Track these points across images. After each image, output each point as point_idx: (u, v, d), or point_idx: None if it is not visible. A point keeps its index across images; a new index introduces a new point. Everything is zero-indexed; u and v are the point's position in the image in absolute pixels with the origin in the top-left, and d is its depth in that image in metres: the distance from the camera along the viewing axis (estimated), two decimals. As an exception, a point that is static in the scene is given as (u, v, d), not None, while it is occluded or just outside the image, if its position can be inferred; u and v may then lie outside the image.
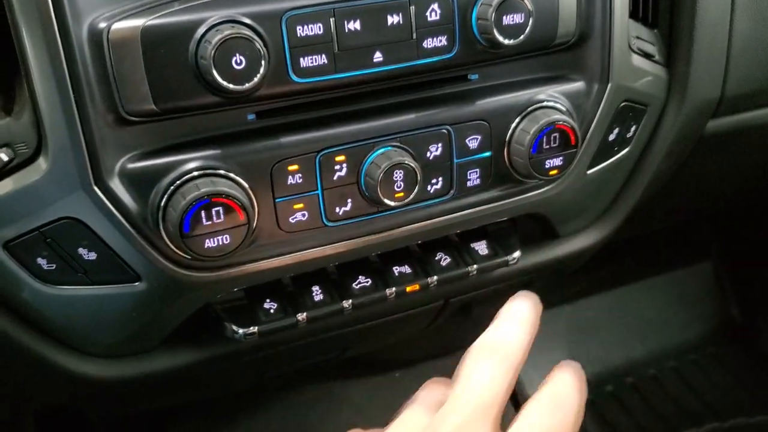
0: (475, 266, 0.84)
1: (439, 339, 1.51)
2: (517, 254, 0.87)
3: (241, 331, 0.76)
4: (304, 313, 0.78)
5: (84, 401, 0.95)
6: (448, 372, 1.67)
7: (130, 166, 0.64)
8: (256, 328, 0.76)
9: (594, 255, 1.04)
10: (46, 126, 0.62)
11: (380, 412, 1.55)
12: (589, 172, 0.86)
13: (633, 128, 0.88)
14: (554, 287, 1.46)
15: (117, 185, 0.64)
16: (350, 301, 0.80)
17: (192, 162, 0.65)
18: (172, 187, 0.64)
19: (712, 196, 1.28)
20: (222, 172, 0.66)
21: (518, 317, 0.61)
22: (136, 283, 0.69)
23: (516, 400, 1.69)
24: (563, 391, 0.57)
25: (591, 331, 1.88)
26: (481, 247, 0.87)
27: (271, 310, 0.78)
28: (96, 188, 0.64)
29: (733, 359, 1.87)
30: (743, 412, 1.73)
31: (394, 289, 0.81)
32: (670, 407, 1.74)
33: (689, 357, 1.87)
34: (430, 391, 0.62)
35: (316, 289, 0.80)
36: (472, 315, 1.12)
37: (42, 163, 0.63)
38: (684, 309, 1.95)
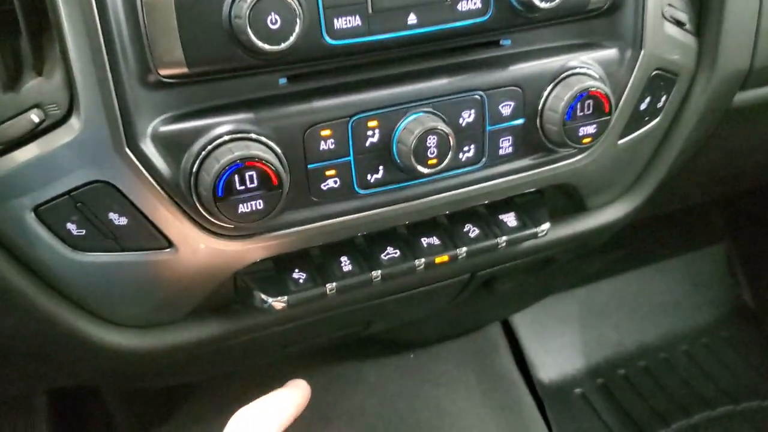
0: (504, 238, 0.83)
1: (453, 320, 1.50)
2: (546, 226, 0.86)
3: (270, 300, 0.75)
4: (334, 283, 0.77)
5: (108, 375, 0.94)
6: (462, 352, 1.66)
7: (163, 129, 0.63)
8: (286, 297, 0.75)
9: (609, 238, 1.03)
10: (79, 86, 0.60)
11: (395, 393, 1.55)
12: (620, 142, 0.85)
13: (663, 98, 0.87)
14: (573, 268, 1.45)
15: (149, 148, 0.63)
16: (379, 271, 0.79)
17: (224, 126, 0.64)
18: (204, 151, 0.63)
19: (736, 172, 1.27)
20: (254, 136, 0.65)
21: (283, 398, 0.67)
22: (167, 250, 0.68)
23: (530, 380, 1.69)
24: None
25: (603, 315, 1.88)
26: (510, 219, 0.86)
27: (300, 280, 0.77)
28: (128, 151, 0.62)
29: (745, 343, 1.87)
30: (756, 395, 1.73)
31: (423, 260, 0.80)
32: (683, 390, 1.74)
33: (702, 340, 1.87)
34: None
35: (344, 259, 0.79)
36: (494, 290, 1.11)
37: (74, 125, 0.61)
38: (696, 293, 1.95)
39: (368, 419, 1.45)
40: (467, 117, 0.73)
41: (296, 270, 0.77)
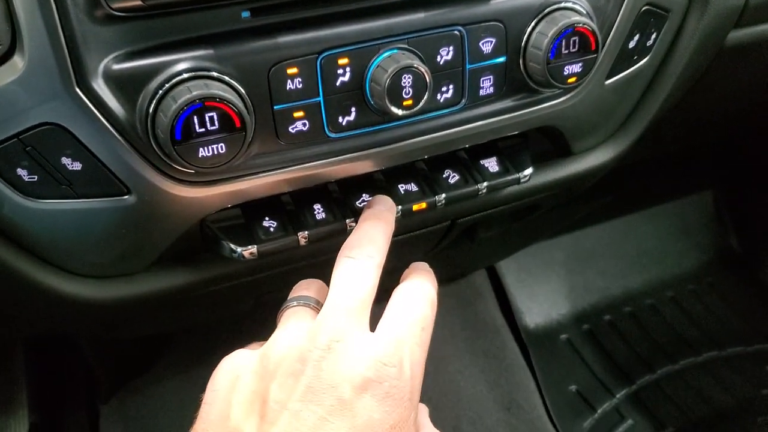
0: (484, 184, 0.80)
1: (436, 268, 1.48)
2: (528, 171, 0.82)
3: (239, 250, 0.72)
4: (306, 232, 0.73)
5: (76, 326, 0.91)
6: (447, 299, 1.63)
7: (116, 66, 0.59)
8: (256, 247, 0.72)
9: (594, 184, 1.00)
10: (21, 19, 0.56)
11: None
12: (607, 82, 0.81)
13: (653, 36, 0.83)
14: (558, 215, 1.42)
15: (102, 87, 0.59)
16: (353, 219, 0.75)
17: (182, 63, 0.60)
18: (161, 90, 0.59)
19: (725, 114, 1.23)
20: (215, 74, 0.60)
21: (377, 216, 0.69)
22: (125, 197, 0.64)
23: (515, 327, 1.68)
24: (418, 284, 0.66)
25: (589, 261, 1.87)
26: (491, 164, 0.82)
27: (271, 229, 0.73)
28: (78, 90, 0.58)
29: (731, 289, 1.87)
30: (741, 341, 1.73)
31: (399, 207, 0.77)
32: (669, 336, 1.75)
33: (687, 287, 1.86)
34: (307, 290, 0.68)
35: (317, 207, 0.75)
36: (476, 238, 1.08)
37: (18, 62, 0.57)
38: (683, 239, 1.94)
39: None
40: (445, 54, 0.69)
41: (266, 218, 0.74)
